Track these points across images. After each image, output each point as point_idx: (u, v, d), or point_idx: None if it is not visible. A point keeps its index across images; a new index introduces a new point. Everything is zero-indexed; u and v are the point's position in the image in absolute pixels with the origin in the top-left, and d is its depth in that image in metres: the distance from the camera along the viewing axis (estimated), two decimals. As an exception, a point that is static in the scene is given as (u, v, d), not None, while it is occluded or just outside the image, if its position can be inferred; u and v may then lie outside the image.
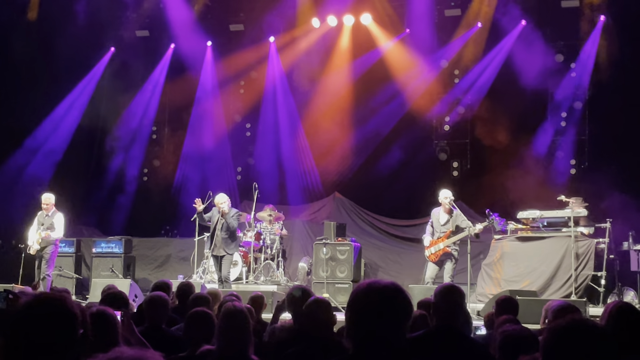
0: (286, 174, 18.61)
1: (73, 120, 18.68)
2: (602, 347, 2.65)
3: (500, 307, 6.94)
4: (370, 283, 3.03)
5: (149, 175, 19.54)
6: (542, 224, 13.45)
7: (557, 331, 2.70)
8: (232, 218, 13.20)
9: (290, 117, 18.86)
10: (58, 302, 3.04)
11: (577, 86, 16.53)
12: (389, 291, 2.97)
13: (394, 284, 3.04)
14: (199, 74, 19.12)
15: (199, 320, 5.24)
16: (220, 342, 4.73)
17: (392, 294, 2.97)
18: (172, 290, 8.06)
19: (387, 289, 2.98)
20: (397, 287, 3.03)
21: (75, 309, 3.06)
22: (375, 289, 2.98)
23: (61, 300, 3.05)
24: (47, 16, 17.36)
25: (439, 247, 12.66)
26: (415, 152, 17.78)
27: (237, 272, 15.05)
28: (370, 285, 3.00)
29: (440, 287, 5.35)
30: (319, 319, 5.08)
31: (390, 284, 3.02)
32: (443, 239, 12.67)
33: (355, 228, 17.45)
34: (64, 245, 15.92)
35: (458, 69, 17.80)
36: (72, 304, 3.06)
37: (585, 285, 12.75)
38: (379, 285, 2.99)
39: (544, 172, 16.34)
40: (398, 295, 2.99)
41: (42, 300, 3.05)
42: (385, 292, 2.96)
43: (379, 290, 2.97)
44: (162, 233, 18.87)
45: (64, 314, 3.00)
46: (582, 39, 16.49)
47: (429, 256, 12.83)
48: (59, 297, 3.09)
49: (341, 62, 18.36)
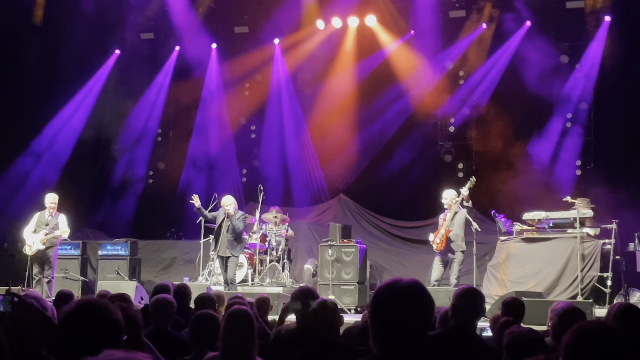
0: (291, 176, 18.61)
1: (78, 123, 18.68)
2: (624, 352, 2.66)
3: (507, 308, 6.93)
4: (392, 283, 3.01)
5: (154, 177, 19.55)
6: (547, 225, 13.41)
7: (581, 332, 2.71)
8: (237, 220, 13.19)
9: (295, 119, 18.86)
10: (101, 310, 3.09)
11: (583, 87, 16.49)
12: (411, 290, 2.96)
13: (416, 282, 3.02)
14: (203, 76, 19.13)
15: (205, 323, 5.22)
16: (223, 345, 4.72)
17: (414, 293, 2.96)
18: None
19: (409, 287, 2.97)
20: (419, 285, 3.02)
21: (119, 315, 3.11)
22: (398, 289, 2.96)
23: (105, 307, 3.10)
24: (52, 19, 17.38)
25: (441, 233, 12.80)
26: (420, 154, 17.75)
27: (242, 274, 15.05)
28: (393, 286, 2.99)
29: (459, 289, 5.41)
30: (326, 321, 5.07)
31: (413, 282, 3.01)
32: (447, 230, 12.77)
33: (360, 230, 17.44)
34: (69, 247, 15.98)
35: (463, 71, 17.79)
36: (116, 311, 3.11)
37: (591, 287, 12.71)
38: (401, 284, 2.98)
39: (550, 173, 16.32)
40: (422, 293, 2.98)
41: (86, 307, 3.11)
42: (408, 291, 2.95)
43: (402, 289, 2.96)
44: (167, 235, 18.89)
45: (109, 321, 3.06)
46: (587, 39, 16.46)
47: (436, 247, 12.94)
48: (103, 304, 3.13)
49: (346, 63, 18.35)
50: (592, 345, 2.66)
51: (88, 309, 3.10)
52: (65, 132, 18.49)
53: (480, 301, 5.33)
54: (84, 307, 3.11)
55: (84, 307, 3.12)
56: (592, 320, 2.80)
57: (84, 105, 18.81)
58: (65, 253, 15.70)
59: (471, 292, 5.38)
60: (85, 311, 3.08)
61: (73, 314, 3.09)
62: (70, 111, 18.61)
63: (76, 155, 18.51)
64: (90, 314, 3.07)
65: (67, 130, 18.53)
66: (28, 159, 17.71)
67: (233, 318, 4.79)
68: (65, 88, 18.31)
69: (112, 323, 3.07)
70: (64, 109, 18.48)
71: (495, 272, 13.52)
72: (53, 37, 17.15)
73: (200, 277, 15.27)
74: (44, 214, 13.61)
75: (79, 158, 18.60)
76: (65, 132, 18.50)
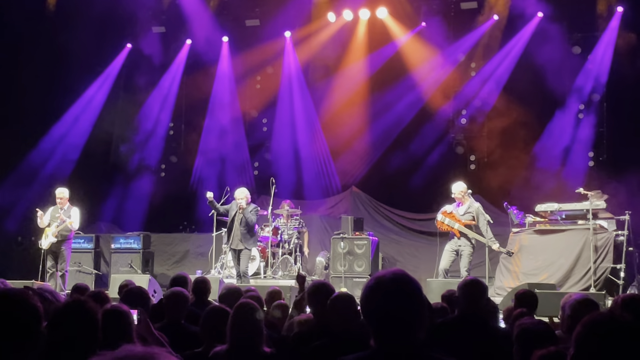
0: (303, 169, 18.63)
1: (91, 117, 18.75)
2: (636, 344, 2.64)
3: (520, 300, 6.93)
4: (377, 278, 2.96)
5: (166, 170, 19.62)
6: (560, 216, 13.38)
7: (592, 324, 2.70)
8: (250, 213, 13.23)
9: (307, 112, 18.88)
10: (81, 307, 3.11)
11: (595, 78, 16.42)
12: (396, 282, 2.91)
13: (401, 273, 2.96)
14: (215, 69, 19.17)
15: (215, 317, 5.23)
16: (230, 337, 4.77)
17: (400, 284, 2.91)
18: (190, 284, 8.06)
19: (394, 280, 2.92)
20: (403, 276, 2.95)
21: (98, 311, 3.12)
22: (383, 284, 2.92)
23: (84, 304, 3.12)
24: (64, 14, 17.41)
25: (453, 225, 12.70)
26: (432, 146, 17.73)
27: (255, 267, 15.10)
28: (378, 281, 2.94)
29: (462, 282, 5.58)
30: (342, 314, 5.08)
31: (397, 274, 2.95)
32: (462, 223, 12.67)
33: (372, 222, 17.46)
34: (82, 241, 16.06)
35: (474, 62, 17.76)
36: (95, 308, 3.12)
37: (604, 278, 12.66)
38: (384, 280, 2.93)
39: (562, 165, 16.28)
40: (408, 283, 2.92)
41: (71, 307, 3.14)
42: (390, 288, 2.90)
43: (387, 283, 2.91)
44: (180, 228, 18.94)
45: (87, 318, 3.08)
46: (600, 30, 16.38)
47: (437, 221, 12.90)
48: (82, 301, 3.16)
49: (357, 56, 18.34)
50: (604, 337, 2.65)
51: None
52: (77, 127, 18.53)
53: (480, 290, 5.55)
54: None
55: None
56: (603, 311, 2.77)
57: (96, 100, 18.87)
58: (79, 246, 15.79)
59: (470, 282, 5.68)
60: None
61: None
62: (83, 105, 18.67)
63: (88, 148, 18.57)
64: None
65: (79, 124, 18.57)
66: (40, 154, 17.74)
67: (237, 309, 4.83)
68: (77, 83, 18.35)
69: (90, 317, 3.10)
70: (76, 102, 18.53)
71: (507, 264, 13.50)
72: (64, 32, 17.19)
73: (212, 270, 15.32)
74: (56, 209, 13.66)
75: (91, 152, 18.65)
76: (78, 126, 18.54)
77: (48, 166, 17.77)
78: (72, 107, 18.46)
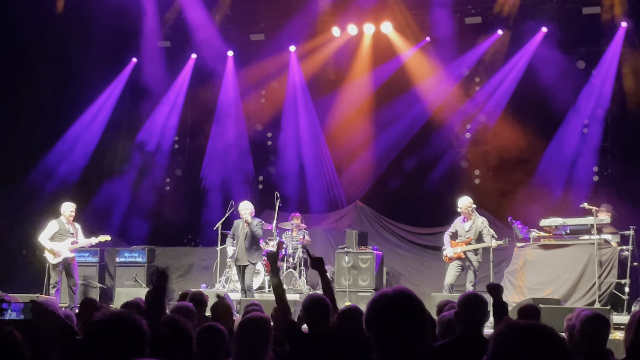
0: (308, 183, 18.64)
1: (96, 131, 18.83)
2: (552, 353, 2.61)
3: (522, 314, 6.93)
4: (379, 296, 3.02)
5: (171, 184, 19.66)
6: (565, 231, 13.38)
7: (504, 337, 2.67)
8: (256, 227, 13.28)
9: (312, 126, 18.90)
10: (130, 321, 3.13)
11: (599, 93, 16.43)
12: (399, 299, 2.97)
13: (403, 290, 3.02)
14: (220, 83, 19.23)
15: (208, 337, 5.01)
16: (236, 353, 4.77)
17: (401, 301, 2.97)
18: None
19: (396, 297, 2.98)
20: (405, 293, 3.01)
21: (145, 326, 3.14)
22: (387, 300, 2.98)
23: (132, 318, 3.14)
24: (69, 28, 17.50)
25: (456, 251, 12.81)
26: (436, 160, 17.72)
27: (259, 281, 15.09)
28: (381, 298, 3.00)
29: (461, 296, 5.47)
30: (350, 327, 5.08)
31: (399, 291, 3.01)
32: (462, 244, 12.76)
33: (377, 236, 17.45)
34: (87, 255, 16.12)
35: (479, 77, 17.79)
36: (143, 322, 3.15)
37: (609, 293, 12.65)
38: (387, 295, 2.99)
39: (566, 180, 16.26)
40: (409, 300, 2.99)
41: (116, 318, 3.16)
42: (392, 303, 2.97)
43: (390, 300, 2.97)
44: (184, 242, 18.95)
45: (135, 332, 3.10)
46: (604, 45, 16.40)
47: (445, 256, 12.98)
48: (131, 315, 3.18)
49: (362, 70, 18.38)
50: (523, 342, 2.61)
51: (116, 320, 3.14)
52: (82, 141, 18.59)
53: (483, 306, 5.39)
54: (112, 318, 3.16)
55: (112, 318, 3.16)
56: (515, 323, 2.72)
57: (101, 113, 18.96)
58: (84, 260, 15.82)
59: (472, 298, 5.47)
60: (113, 322, 3.13)
61: (101, 325, 3.13)
62: (89, 119, 18.75)
63: (93, 163, 18.61)
64: (118, 325, 3.11)
65: (84, 139, 18.64)
66: (44, 168, 17.78)
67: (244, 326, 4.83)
68: (83, 97, 18.44)
69: (137, 333, 3.11)
70: (81, 117, 18.61)
71: (512, 278, 13.49)
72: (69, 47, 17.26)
73: (217, 284, 15.32)
74: (62, 223, 13.63)
75: (95, 166, 18.69)
76: (82, 140, 18.60)
77: (53, 180, 17.79)
78: (77, 121, 18.54)
